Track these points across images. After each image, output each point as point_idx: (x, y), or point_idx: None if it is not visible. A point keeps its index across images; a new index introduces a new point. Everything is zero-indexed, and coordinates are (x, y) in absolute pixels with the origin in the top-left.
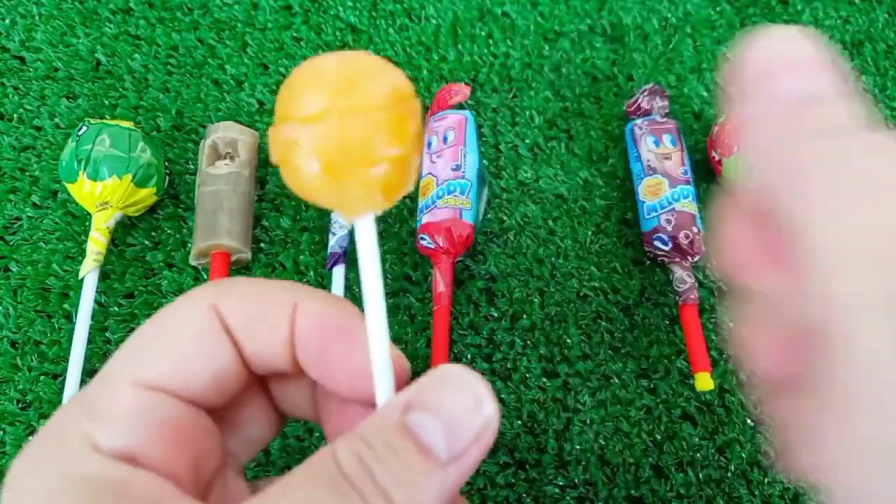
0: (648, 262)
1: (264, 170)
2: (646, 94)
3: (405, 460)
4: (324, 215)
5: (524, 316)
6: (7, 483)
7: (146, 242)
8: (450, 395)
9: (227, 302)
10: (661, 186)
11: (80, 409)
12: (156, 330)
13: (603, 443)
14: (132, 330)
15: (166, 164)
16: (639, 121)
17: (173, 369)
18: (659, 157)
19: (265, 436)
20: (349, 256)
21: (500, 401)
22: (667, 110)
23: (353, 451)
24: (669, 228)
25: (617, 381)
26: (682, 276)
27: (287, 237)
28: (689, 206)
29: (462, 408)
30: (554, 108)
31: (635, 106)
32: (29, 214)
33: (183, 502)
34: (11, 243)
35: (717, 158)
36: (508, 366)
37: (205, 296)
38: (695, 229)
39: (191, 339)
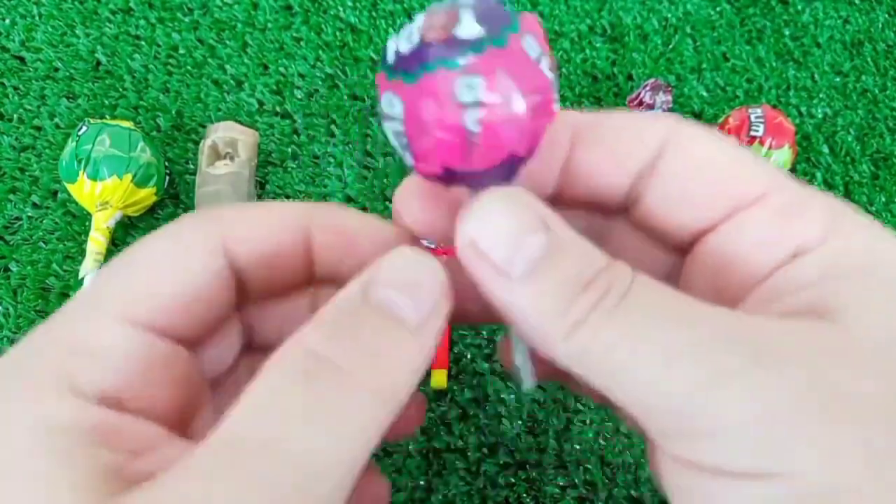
0: None
1: (264, 170)
2: (648, 88)
3: (380, 332)
4: None
5: None
6: None
7: None
8: (406, 270)
9: (236, 231)
10: None
11: (56, 344)
12: (150, 261)
13: (603, 443)
14: None
15: (166, 164)
16: None
17: (167, 306)
18: None
19: (227, 362)
20: None
21: (501, 401)
22: (669, 105)
23: (323, 335)
24: None
25: None
26: None
27: None
28: None
29: (419, 279)
30: None
31: (637, 101)
32: (29, 214)
33: (178, 445)
34: (11, 243)
35: None
36: None
37: (209, 226)
38: None
39: (191, 275)
